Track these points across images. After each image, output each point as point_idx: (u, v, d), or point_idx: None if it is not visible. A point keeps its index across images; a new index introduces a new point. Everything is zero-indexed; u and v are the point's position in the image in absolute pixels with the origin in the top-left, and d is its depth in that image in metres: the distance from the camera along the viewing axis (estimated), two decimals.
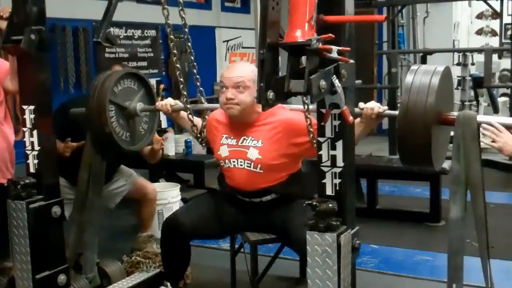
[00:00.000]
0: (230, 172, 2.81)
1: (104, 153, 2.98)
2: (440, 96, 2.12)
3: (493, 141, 2.22)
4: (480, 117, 2.17)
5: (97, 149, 2.93)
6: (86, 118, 2.90)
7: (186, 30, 2.66)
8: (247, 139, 2.75)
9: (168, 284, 3.01)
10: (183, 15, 2.58)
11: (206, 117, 2.94)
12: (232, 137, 2.79)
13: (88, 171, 2.92)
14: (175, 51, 2.71)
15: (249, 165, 2.72)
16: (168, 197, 4.31)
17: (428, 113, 2.07)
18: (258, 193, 2.77)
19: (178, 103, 2.87)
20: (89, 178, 2.93)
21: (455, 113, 2.20)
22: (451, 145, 2.22)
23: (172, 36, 2.65)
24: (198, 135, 2.89)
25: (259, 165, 2.70)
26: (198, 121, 2.90)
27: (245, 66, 2.83)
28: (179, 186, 4.49)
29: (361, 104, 2.35)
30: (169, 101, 2.90)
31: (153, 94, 3.10)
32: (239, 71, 2.71)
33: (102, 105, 2.77)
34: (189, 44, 2.70)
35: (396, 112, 2.21)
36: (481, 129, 2.17)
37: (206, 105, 2.95)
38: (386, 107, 2.39)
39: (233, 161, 2.76)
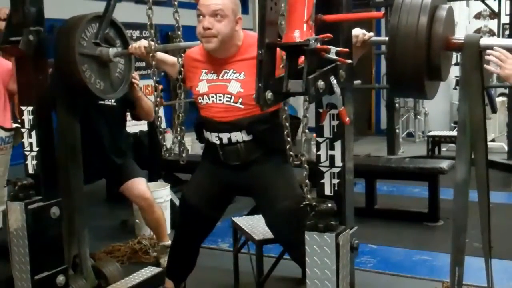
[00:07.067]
0: (206, 109, 2.64)
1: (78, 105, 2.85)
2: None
3: (499, 69, 1.99)
4: (484, 40, 1.95)
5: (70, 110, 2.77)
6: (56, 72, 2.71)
7: (180, 33, 2.66)
8: (228, 72, 2.57)
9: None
10: (177, 18, 2.62)
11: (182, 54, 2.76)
12: (212, 72, 2.62)
13: (65, 143, 2.75)
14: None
15: (228, 99, 2.55)
16: (164, 195, 4.32)
17: (422, 35, 1.87)
18: (228, 125, 2.58)
19: (152, 45, 2.68)
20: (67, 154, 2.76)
21: (461, 37, 2.00)
22: (452, 145, 2.11)
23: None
24: (179, 76, 2.70)
25: (240, 99, 2.53)
26: (174, 60, 2.75)
27: None
28: (169, 185, 4.49)
29: None
30: (143, 42, 2.74)
31: (127, 40, 2.97)
32: None
33: (72, 59, 2.60)
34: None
35: (385, 38, 2.05)
36: (485, 56, 1.97)
37: (182, 43, 2.72)
38: (372, 34, 2.24)
39: (212, 96, 2.59)
